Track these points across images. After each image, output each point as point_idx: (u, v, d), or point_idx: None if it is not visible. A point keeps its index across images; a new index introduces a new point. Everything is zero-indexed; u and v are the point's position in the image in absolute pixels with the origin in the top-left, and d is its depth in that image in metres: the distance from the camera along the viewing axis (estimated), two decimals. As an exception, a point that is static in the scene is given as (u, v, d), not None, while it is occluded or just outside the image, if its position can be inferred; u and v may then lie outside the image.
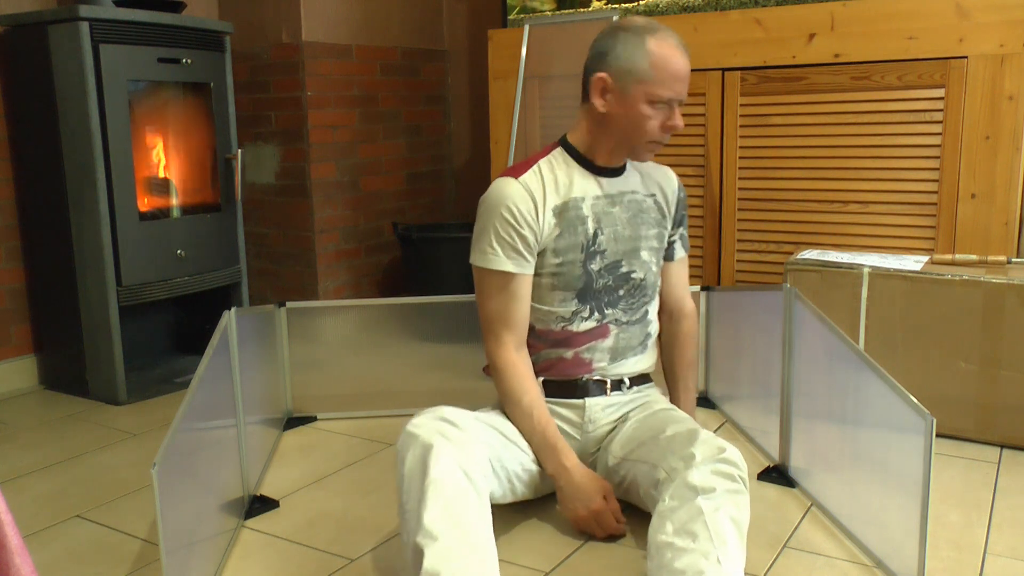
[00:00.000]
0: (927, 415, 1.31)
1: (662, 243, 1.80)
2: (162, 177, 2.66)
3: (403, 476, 1.40)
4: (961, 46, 2.27)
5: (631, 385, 1.79)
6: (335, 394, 2.36)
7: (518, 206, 1.64)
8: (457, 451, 1.40)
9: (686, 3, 2.76)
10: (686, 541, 1.31)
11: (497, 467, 1.57)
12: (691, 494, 1.37)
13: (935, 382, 2.04)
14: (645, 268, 1.75)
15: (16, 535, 0.99)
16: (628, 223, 1.73)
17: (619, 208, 1.72)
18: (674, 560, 1.30)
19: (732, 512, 1.36)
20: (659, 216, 1.79)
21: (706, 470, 1.40)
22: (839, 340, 1.62)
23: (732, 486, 1.39)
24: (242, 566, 1.56)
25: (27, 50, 2.47)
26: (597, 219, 1.70)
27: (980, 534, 1.62)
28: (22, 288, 2.67)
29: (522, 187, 1.65)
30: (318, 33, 3.10)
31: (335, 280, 3.27)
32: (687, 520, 1.34)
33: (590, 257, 1.70)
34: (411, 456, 1.40)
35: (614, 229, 1.71)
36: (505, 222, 1.64)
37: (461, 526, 1.31)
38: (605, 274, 1.72)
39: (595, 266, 1.70)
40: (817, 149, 2.52)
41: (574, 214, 1.68)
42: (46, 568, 1.57)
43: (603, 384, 1.75)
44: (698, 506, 1.35)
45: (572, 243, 1.68)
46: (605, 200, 1.71)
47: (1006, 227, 2.28)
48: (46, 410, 2.47)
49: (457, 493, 1.35)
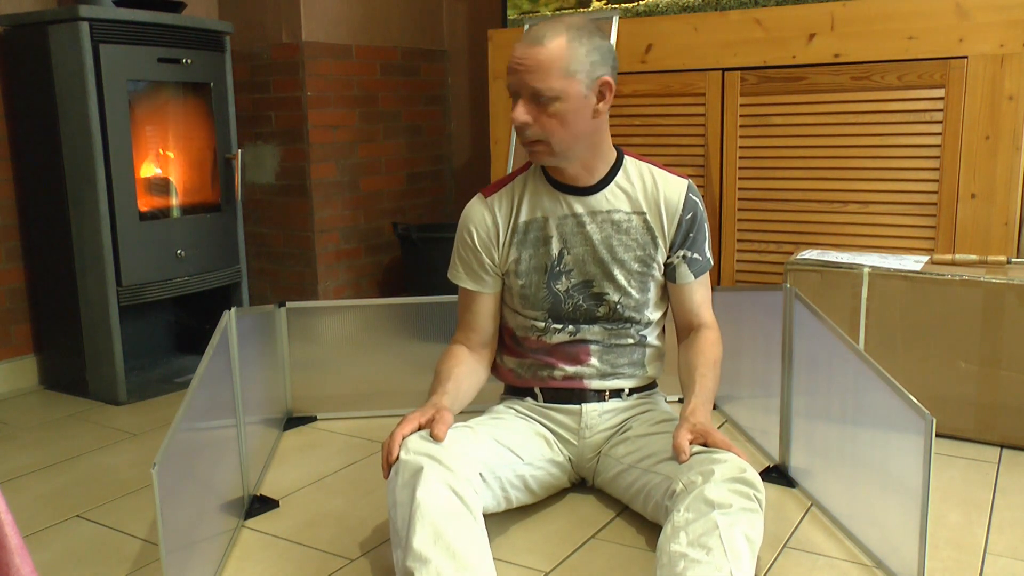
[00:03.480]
0: (927, 415, 1.31)
1: (648, 266, 1.69)
2: (162, 177, 2.66)
3: (394, 502, 1.40)
4: (961, 46, 2.27)
5: (631, 393, 1.78)
6: (335, 394, 2.36)
7: (478, 230, 1.70)
8: (445, 472, 1.39)
9: (686, 3, 2.76)
10: (700, 553, 1.30)
11: (490, 479, 1.56)
12: (707, 508, 1.36)
13: (935, 382, 2.04)
14: (621, 291, 1.69)
15: (16, 535, 0.99)
16: (601, 244, 1.67)
17: (592, 227, 1.66)
18: (687, 570, 1.29)
19: (747, 530, 1.34)
20: (645, 237, 1.68)
21: (724, 487, 1.38)
22: (839, 340, 1.62)
23: (749, 504, 1.37)
24: (242, 566, 1.56)
25: (27, 50, 2.47)
26: (563, 239, 1.67)
27: (980, 534, 1.62)
28: (22, 288, 2.67)
29: (487, 209, 1.70)
30: (318, 33, 3.10)
31: (335, 280, 3.27)
32: (702, 533, 1.32)
33: (554, 278, 1.69)
34: (400, 480, 1.40)
35: (583, 249, 1.67)
36: (465, 244, 1.72)
37: (451, 548, 1.30)
38: (574, 294, 1.69)
39: (560, 287, 1.69)
40: (817, 149, 2.52)
41: (538, 235, 1.68)
42: (46, 568, 1.57)
43: (601, 392, 1.75)
44: (714, 520, 1.33)
45: (536, 264, 1.69)
46: (574, 220, 1.67)
47: (1006, 227, 2.28)
48: (46, 410, 2.47)
49: (446, 515, 1.34)
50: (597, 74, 1.55)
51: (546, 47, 1.52)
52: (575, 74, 1.52)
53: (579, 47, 1.53)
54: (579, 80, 1.53)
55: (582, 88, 1.54)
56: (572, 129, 1.57)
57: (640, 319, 1.73)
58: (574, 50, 1.52)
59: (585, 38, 1.54)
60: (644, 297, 1.71)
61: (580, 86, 1.53)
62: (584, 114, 1.56)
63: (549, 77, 1.52)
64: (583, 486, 1.83)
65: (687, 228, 1.69)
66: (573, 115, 1.55)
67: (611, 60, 1.58)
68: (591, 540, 1.63)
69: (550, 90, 1.52)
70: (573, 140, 1.58)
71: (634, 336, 1.74)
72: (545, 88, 1.52)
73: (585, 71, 1.53)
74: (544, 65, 1.52)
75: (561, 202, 1.67)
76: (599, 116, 1.60)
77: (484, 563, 1.33)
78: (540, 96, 1.53)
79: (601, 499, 1.78)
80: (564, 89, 1.52)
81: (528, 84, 1.53)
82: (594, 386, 1.74)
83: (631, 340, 1.74)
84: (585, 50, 1.53)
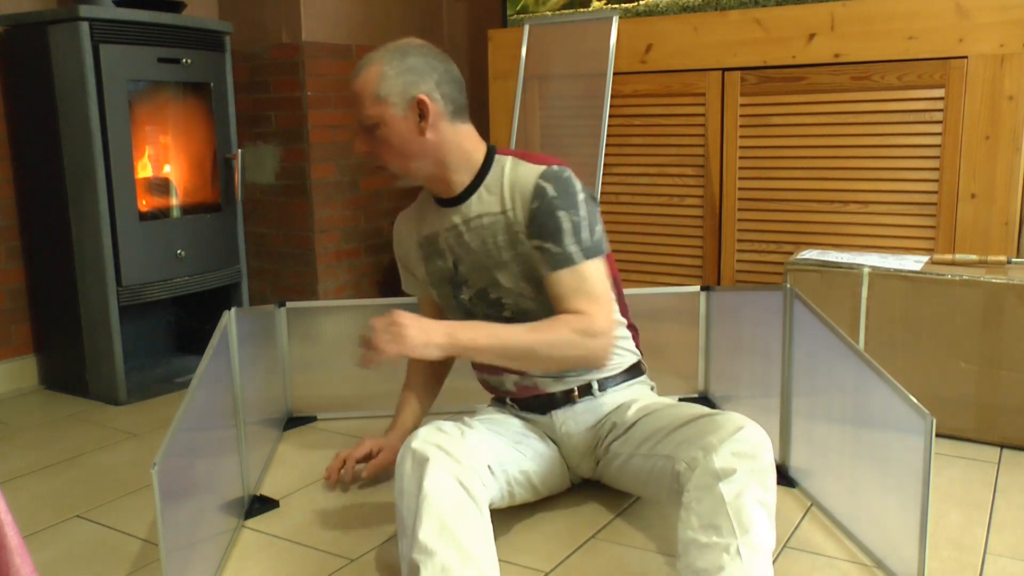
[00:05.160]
0: (927, 415, 1.31)
1: (526, 264, 1.61)
2: (162, 177, 2.66)
3: (400, 491, 1.39)
4: (961, 46, 2.27)
5: (604, 387, 1.72)
6: (335, 394, 2.36)
7: (400, 244, 1.82)
8: (453, 463, 1.38)
9: (686, 3, 2.76)
10: (710, 536, 1.29)
11: (498, 472, 1.56)
12: (712, 481, 1.34)
13: (935, 382, 2.04)
14: (515, 293, 1.64)
15: (16, 535, 0.99)
16: (480, 250, 1.64)
17: (468, 236, 1.64)
18: (697, 560, 1.28)
19: (757, 493, 1.32)
20: (513, 234, 1.60)
21: (726, 452, 1.35)
22: (839, 340, 1.62)
23: (753, 465, 1.34)
24: (242, 566, 1.56)
25: (27, 50, 2.47)
26: (452, 251, 1.68)
27: (980, 534, 1.62)
28: (22, 288, 2.67)
29: (403, 226, 1.80)
30: (318, 33, 3.10)
31: (335, 280, 3.27)
32: (711, 512, 1.31)
33: (457, 288, 1.70)
34: (407, 470, 1.39)
35: (470, 259, 1.66)
36: (399, 259, 1.85)
37: (457, 540, 1.30)
38: (478, 302, 1.69)
39: (465, 296, 1.70)
40: (817, 149, 2.52)
41: (433, 248, 1.71)
42: (46, 568, 1.57)
43: (569, 393, 1.71)
44: (720, 494, 1.31)
45: (440, 277, 1.73)
46: (455, 232, 1.66)
47: (1006, 227, 2.28)
48: (46, 410, 2.47)
49: (453, 507, 1.34)
50: (411, 94, 1.54)
51: (360, 77, 1.56)
52: (387, 98, 1.54)
53: (389, 70, 1.53)
54: (392, 103, 1.54)
55: (397, 111, 1.54)
56: (402, 151, 1.57)
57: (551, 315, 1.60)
58: (384, 75, 1.54)
59: (397, 60, 1.54)
60: (544, 293, 1.61)
61: (395, 109, 1.54)
62: (409, 136, 1.56)
63: (364, 106, 1.56)
64: (584, 486, 1.83)
65: (535, 217, 1.56)
66: (398, 138, 1.56)
67: (434, 75, 1.55)
68: (591, 540, 1.63)
69: (368, 118, 1.56)
70: (407, 161, 1.59)
71: None
72: (364, 117, 1.56)
73: (397, 93, 1.53)
74: (358, 95, 1.56)
75: (443, 216, 1.67)
76: (431, 133, 1.56)
77: (488, 556, 1.33)
78: (365, 125, 1.57)
79: (601, 499, 1.78)
80: (380, 115, 1.55)
81: (356, 115, 1.58)
82: (552, 389, 1.71)
83: None
84: (395, 72, 1.53)
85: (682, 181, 2.75)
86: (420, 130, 1.56)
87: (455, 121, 1.59)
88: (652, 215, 2.82)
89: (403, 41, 1.59)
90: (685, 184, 2.75)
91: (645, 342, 1.88)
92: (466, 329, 1.54)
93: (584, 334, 1.52)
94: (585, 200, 1.57)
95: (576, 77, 2.87)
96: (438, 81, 1.56)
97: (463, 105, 1.61)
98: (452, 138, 1.59)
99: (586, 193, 1.59)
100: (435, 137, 1.57)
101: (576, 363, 1.60)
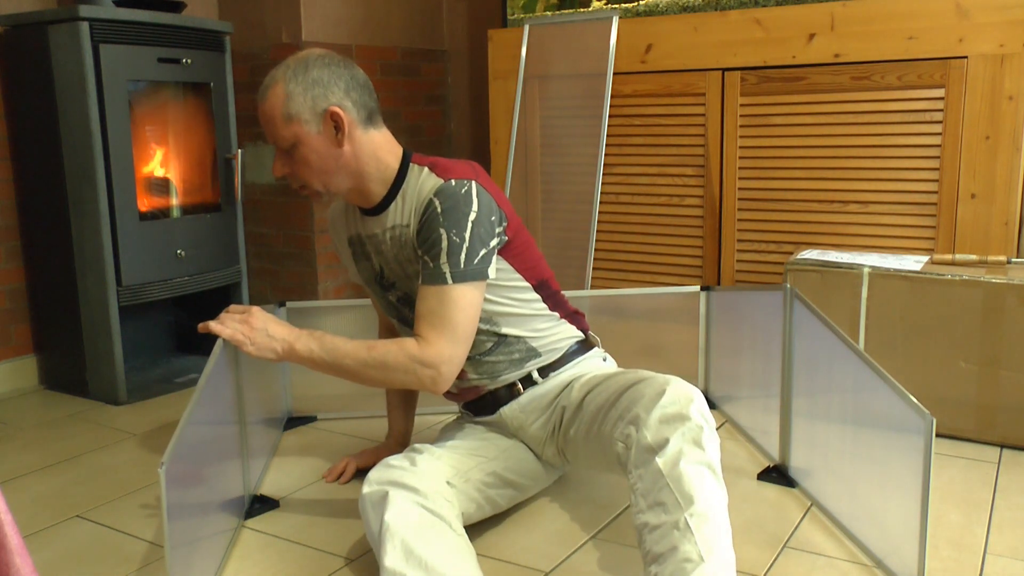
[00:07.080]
0: (927, 415, 1.31)
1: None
2: (162, 177, 2.66)
3: (369, 534, 1.42)
4: (961, 46, 2.28)
5: (544, 375, 1.67)
6: (335, 394, 2.36)
7: (333, 234, 1.78)
8: (410, 493, 1.40)
9: (686, 3, 2.76)
10: (659, 515, 1.28)
11: (460, 483, 1.54)
12: (648, 456, 1.32)
13: (935, 382, 2.04)
14: None
15: (16, 535, 0.99)
16: (396, 260, 1.62)
17: (386, 246, 1.62)
18: (653, 545, 1.27)
19: (694, 455, 1.30)
20: (413, 247, 1.57)
21: (654, 422, 1.34)
22: (839, 340, 1.62)
23: (685, 427, 1.32)
24: (242, 566, 1.56)
25: (27, 50, 2.47)
26: (377, 256, 1.66)
27: (980, 534, 1.62)
28: (22, 288, 2.67)
29: (332, 216, 1.77)
30: (318, 33, 3.10)
31: (335, 280, 3.27)
32: (653, 489, 1.30)
33: (386, 289, 1.69)
34: (369, 514, 1.42)
35: (391, 266, 1.64)
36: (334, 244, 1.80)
37: (424, 561, 1.29)
38: (404, 305, 1.67)
39: (392, 297, 1.68)
40: (817, 149, 2.52)
41: (360, 250, 1.70)
42: (46, 568, 1.57)
43: (512, 387, 1.67)
44: (656, 468, 1.30)
45: (368, 276, 1.72)
46: (376, 240, 1.64)
47: (1006, 227, 2.28)
48: (46, 410, 2.47)
49: (416, 530, 1.34)
50: (322, 107, 1.49)
51: (267, 100, 1.51)
52: (297, 116, 1.49)
53: (295, 87, 1.49)
54: (304, 120, 1.49)
55: (311, 128, 1.50)
56: (323, 167, 1.53)
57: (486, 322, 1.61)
58: (290, 93, 1.49)
59: (301, 75, 1.49)
60: None
61: (308, 126, 1.50)
62: (327, 151, 1.52)
63: (276, 128, 1.51)
64: (584, 486, 1.83)
65: (420, 230, 1.53)
66: (316, 155, 1.52)
67: (340, 84, 1.51)
68: (591, 540, 1.63)
69: (284, 140, 1.51)
70: (330, 177, 1.54)
71: (489, 338, 1.63)
72: (279, 139, 1.52)
73: (307, 108, 1.49)
74: (268, 118, 1.51)
75: (366, 223, 1.65)
76: (347, 144, 1.53)
77: (462, 570, 1.32)
78: (281, 147, 1.53)
79: (601, 499, 1.79)
80: (295, 135, 1.50)
81: (271, 138, 1.54)
82: (493, 387, 1.68)
83: (489, 343, 1.63)
84: (301, 88, 1.49)
85: (682, 181, 2.75)
86: (337, 142, 1.52)
87: (368, 128, 1.55)
88: (652, 215, 2.82)
89: (302, 54, 1.54)
90: (685, 184, 2.75)
91: (645, 342, 1.88)
92: (309, 340, 1.52)
93: (417, 362, 1.48)
94: (476, 222, 1.49)
95: (576, 77, 2.87)
96: (346, 89, 1.52)
97: (375, 109, 1.57)
98: (367, 147, 1.55)
99: (484, 213, 1.50)
100: (351, 148, 1.54)
101: (410, 387, 1.57)
